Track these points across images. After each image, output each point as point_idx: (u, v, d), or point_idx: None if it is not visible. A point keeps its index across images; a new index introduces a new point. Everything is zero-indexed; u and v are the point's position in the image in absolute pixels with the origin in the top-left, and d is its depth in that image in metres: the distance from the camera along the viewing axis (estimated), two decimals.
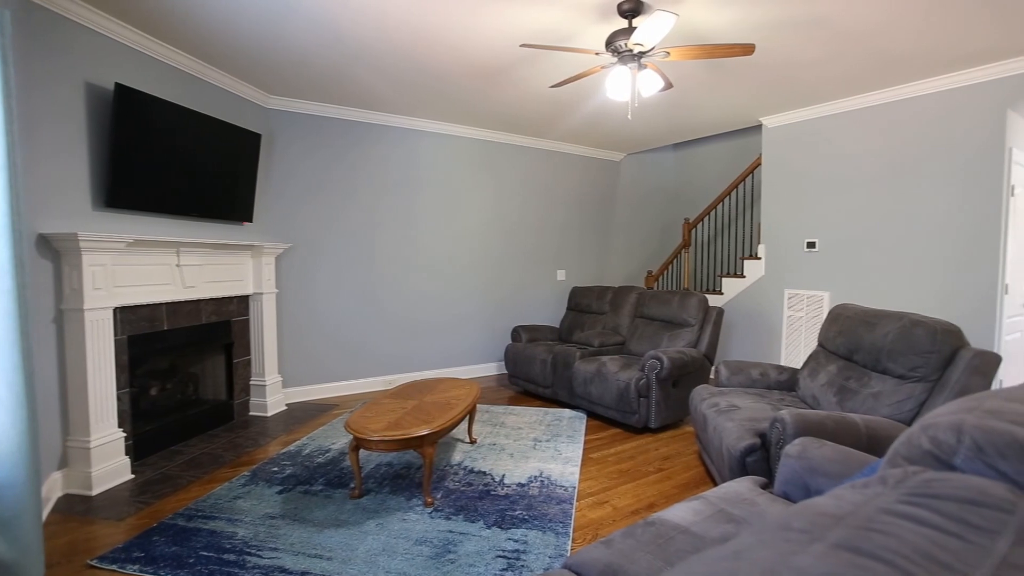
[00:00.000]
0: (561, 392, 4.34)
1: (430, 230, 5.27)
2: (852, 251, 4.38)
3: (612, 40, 2.82)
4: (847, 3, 2.76)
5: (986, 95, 3.66)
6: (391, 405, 3.02)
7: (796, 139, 4.74)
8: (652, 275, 6.05)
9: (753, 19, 2.95)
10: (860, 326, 2.86)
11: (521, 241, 5.91)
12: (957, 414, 0.88)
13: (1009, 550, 0.51)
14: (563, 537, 2.37)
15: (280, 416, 4.19)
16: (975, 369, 2.33)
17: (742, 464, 2.38)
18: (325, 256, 4.72)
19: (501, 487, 2.88)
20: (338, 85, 4.08)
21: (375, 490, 2.84)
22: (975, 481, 0.65)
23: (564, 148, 6.12)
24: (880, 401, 2.60)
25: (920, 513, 0.55)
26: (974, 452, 0.75)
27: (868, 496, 0.62)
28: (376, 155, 4.93)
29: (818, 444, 1.88)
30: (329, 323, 4.76)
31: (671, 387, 3.72)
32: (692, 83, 4.01)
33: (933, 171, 3.92)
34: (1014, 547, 0.52)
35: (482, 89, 4.18)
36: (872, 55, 3.43)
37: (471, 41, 3.27)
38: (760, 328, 5.04)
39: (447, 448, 3.45)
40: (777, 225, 4.91)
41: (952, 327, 2.51)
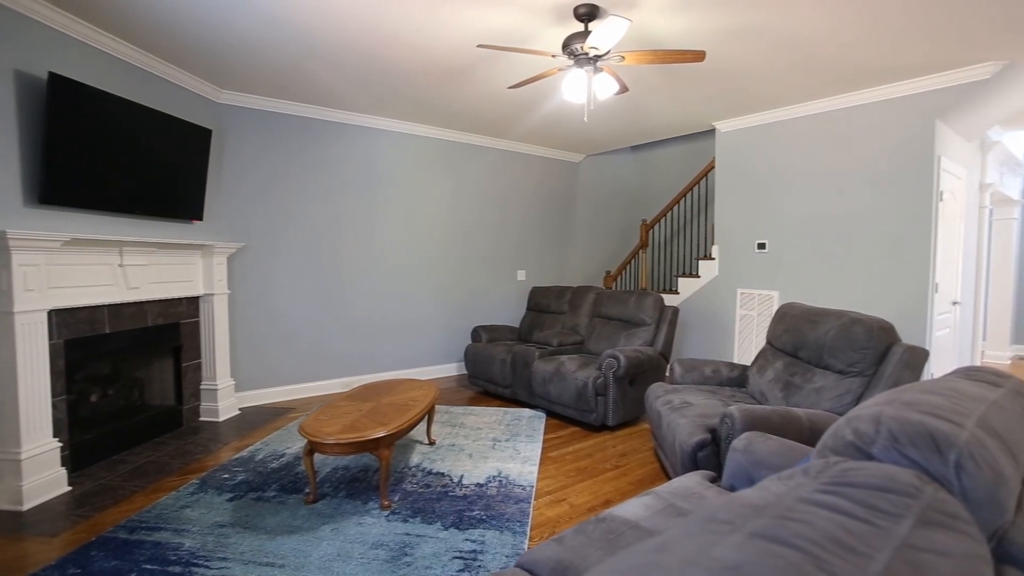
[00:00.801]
0: (521, 392, 4.37)
1: (390, 230, 5.21)
2: (799, 252, 4.57)
3: (568, 43, 2.86)
4: (791, 15, 2.88)
5: (917, 106, 3.88)
6: (347, 407, 2.97)
7: (747, 143, 4.91)
8: (611, 275, 6.15)
9: (704, 27, 3.04)
10: (804, 324, 2.99)
11: (481, 241, 5.91)
12: (878, 406, 0.94)
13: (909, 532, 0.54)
14: (520, 536, 2.39)
15: (233, 421, 4.06)
16: (906, 363, 2.47)
17: (693, 459, 2.45)
18: (281, 256, 4.60)
19: (459, 488, 2.88)
20: (294, 81, 3.99)
21: (331, 494, 2.79)
22: (886, 469, 0.69)
23: (524, 149, 6.16)
24: (822, 395, 2.73)
25: (834, 501, 0.59)
26: (890, 442, 0.80)
27: (790, 487, 0.66)
28: (334, 153, 4.84)
29: (763, 438, 1.96)
30: (285, 324, 4.64)
31: (628, 385, 3.80)
32: (647, 87, 4.10)
33: (871, 177, 4.13)
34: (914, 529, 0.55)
35: (442, 88, 4.16)
36: (816, 65, 3.59)
37: (430, 40, 3.25)
38: (714, 326, 5.20)
39: (405, 450, 3.42)
40: (730, 227, 5.07)
41: (886, 324, 2.65)
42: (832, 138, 4.34)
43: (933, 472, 0.76)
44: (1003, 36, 3.12)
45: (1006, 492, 0.77)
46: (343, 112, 4.79)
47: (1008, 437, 0.98)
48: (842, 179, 4.29)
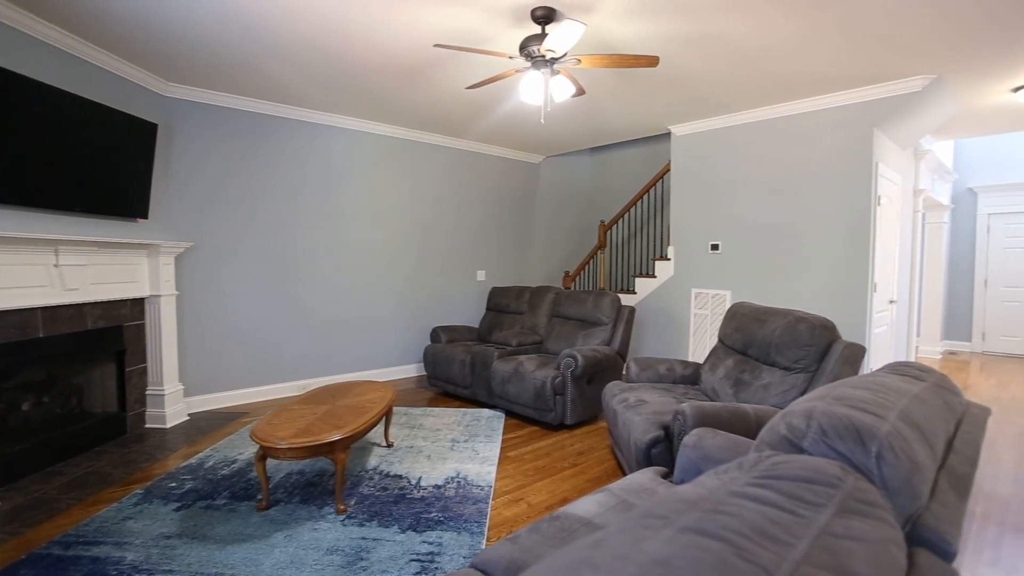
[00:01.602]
0: (480, 392, 4.37)
1: (348, 230, 5.12)
2: (750, 253, 4.74)
3: (526, 45, 2.88)
4: (739, 25, 2.99)
5: (857, 115, 4.09)
6: (302, 411, 2.91)
7: (701, 147, 5.06)
8: (569, 275, 6.22)
9: (658, 33, 3.12)
10: (753, 323, 3.10)
11: (441, 241, 5.88)
12: (811, 402, 0.99)
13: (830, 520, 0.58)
14: (478, 536, 2.39)
15: (181, 427, 3.90)
16: (846, 359, 2.60)
17: (647, 455, 2.51)
18: (234, 256, 4.45)
19: (417, 490, 2.86)
20: (247, 76, 3.87)
21: (284, 500, 2.72)
22: (812, 461, 0.73)
23: (483, 149, 6.16)
24: (769, 391, 2.84)
25: (763, 493, 0.62)
26: (819, 435, 0.85)
27: (724, 481, 0.69)
28: (290, 151, 4.72)
29: (712, 434, 2.02)
30: (238, 326, 4.50)
31: (586, 384, 3.86)
32: (604, 90, 4.17)
33: (815, 181, 4.32)
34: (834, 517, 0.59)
35: (400, 87, 4.11)
36: (763, 73, 3.73)
37: (387, 38, 3.22)
38: (670, 325, 5.33)
39: (362, 453, 3.37)
40: (684, 228, 5.21)
41: (828, 322, 2.79)
42: (779, 143, 4.52)
43: (857, 463, 0.81)
44: (931, 52, 3.32)
45: (921, 479, 0.82)
46: (299, 109, 4.68)
47: (927, 428, 1.05)
48: (789, 183, 4.48)
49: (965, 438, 1.27)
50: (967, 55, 3.37)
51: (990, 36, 3.10)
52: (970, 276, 7.51)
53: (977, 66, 3.57)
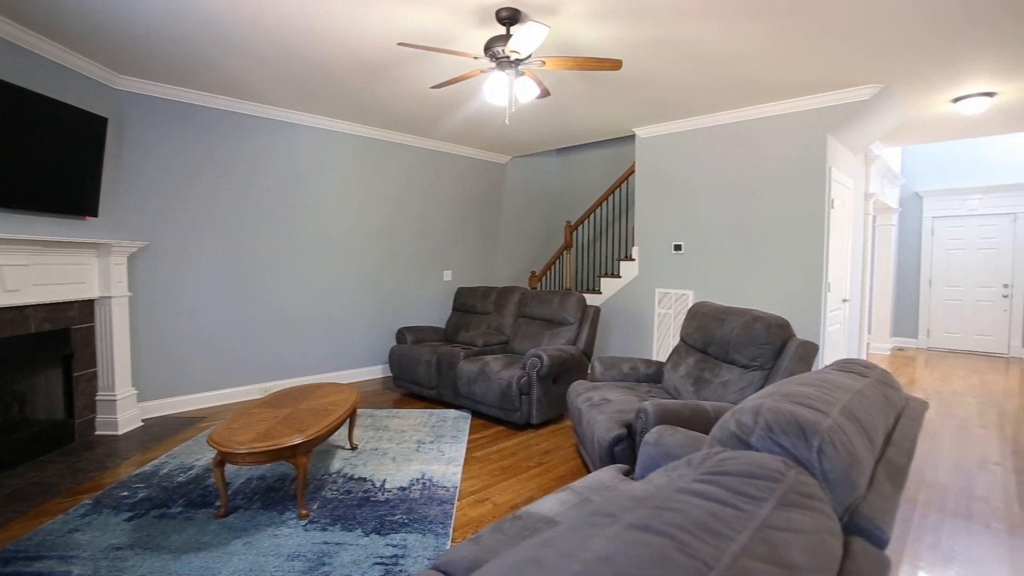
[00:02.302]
0: (446, 393, 4.36)
1: (311, 229, 5.03)
2: (711, 253, 4.86)
3: (490, 45, 2.89)
4: (700, 31, 3.06)
5: (812, 121, 4.25)
6: (262, 415, 2.84)
7: (665, 149, 5.16)
8: (536, 275, 6.26)
9: (622, 37, 3.17)
10: (713, 322, 3.19)
11: (407, 241, 5.83)
12: (759, 399, 1.03)
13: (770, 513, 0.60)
14: (443, 538, 2.39)
15: (134, 434, 3.76)
16: (799, 357, 2.70)
17: (611, 453, 2.55)
18: (191, 255, 4.31)
19: (382, 492, 2.83)
20: (205, 71, 3.75)
21: (244, 506, 2.66)
22: (757, 457, 0.76)
23: (450, 148, 6.14)
24: (728, 389, 2.92)
25: (708, 489, 0.64)
26: (765, 431, 0.88)
27: (672, 478, 0.71)
28: (251, 148, 4.60)
29: (672, 431, 2.07)
30: (196, 329, 4.36)
31: (551, 384, 3.89)
32: (569, 92, 4.22)
33: (773, 184, 4.46)
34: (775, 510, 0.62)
35: (364, 85, 4.06)
36: (724, 78, 3.84)
37: (351, 35, 3.17)
38: (635, 325, 5.42)
39: (326, 456, 3.32)
40: (648, 229, 5.30)
41: (783, 321, 2.89)
42: (740, 147, 4.65)
43: (800, 457, 0.85)
44: (879, 63, 3.48)
45: (858, 471, 0.87)
46: (260, 105, 4.57)
47: (867, 422, 1.11)
48: (748, 185, 4.61)
49: (904, 431, 1.33)
50: (911, 66, 3.54)
51: (932, 50, 3.26)
52: (916, 276, 7.89)
53: (920, 77, 3.75)
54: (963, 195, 7.47)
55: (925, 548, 2.37)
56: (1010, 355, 7.20)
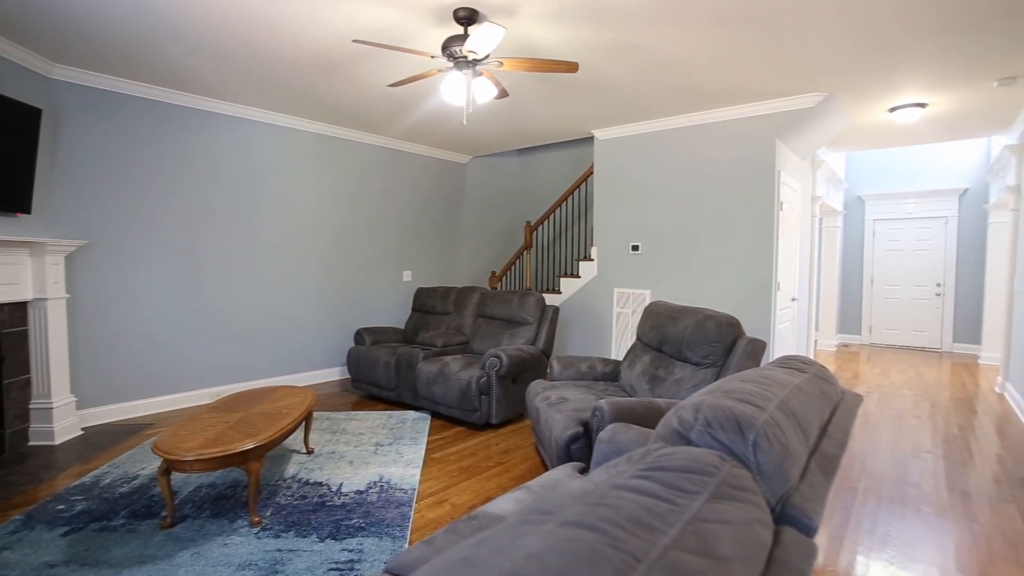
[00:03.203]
0: (405, 394, 4.32)
1: (266, 228, 4.89)
2: (668, 253, 4.98)
3: (448, 45, 2.87)
4: (654, 37, 3.14)
5: (761, 126, 4.41)
6: (212, 420, 2.75)
7: (622, 151, 5.26)
8: (496, 275, 6.27)
9: (578, 40, 3.21)
10: (667, 321, 3.27)
11: (365, 241, 5.74)
12: (701, 396, 1.06)
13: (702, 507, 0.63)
14: (400, 541, 2.37)
15: (73, 443, 3.57)
16: (748, 354, 2.80)
17: (567, 452, 2.58)
18: (136, 254, 4.13)
19: (338, 496, 2.79)
20: (152, 63, 3.60)
21: (192, 516, 2.56)
22: (695, 452, 0.79)
23: (410, 147, 6.08)
24: (681, 386, 3.00)
25: (644, 484, 0.66)
26: (704, 427, 0.92)
27: (611, 475, 0.73)
28: (201, 143, 4.43)
29: (626, 429, 2.11)
30: (142, 331, 4.17)
31: (511, 383, 3.90)
32: (528, 93, 4.24)
33: (726, 187, 4.61)
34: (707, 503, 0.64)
35: (320, 81, 3.98)
36: (678, 83, 3.94)
37: (306, 32, 3.10)
38: (594, 324, 5.50)
39: (280, 461, 3.23)
40: (607, 229, 5.39)
41: (733, 320, 2.98)
42: (694, 150, 4.78)
43: (736, 451, 0.88)
44: (823, 73, 3.64)
45: (791, 463, 0.91)
46: (213, 100, 4.41)
47: (802, 416, 1.16)
48: (702, 187, 4.75)
49: (838, 423, 1.40)
50: (852, 77, 3.73)
51: (870, 62, 3.44)
52: (859, 276, 8.29)
53: (860, 87, 3.95)
54: (901, 199, 7.89)
55: (863, 533, 2.50)
56: (942, 350, 7.66)
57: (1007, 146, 5.06)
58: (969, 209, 7.40)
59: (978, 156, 7.31)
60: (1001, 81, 3.80)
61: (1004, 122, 5.00)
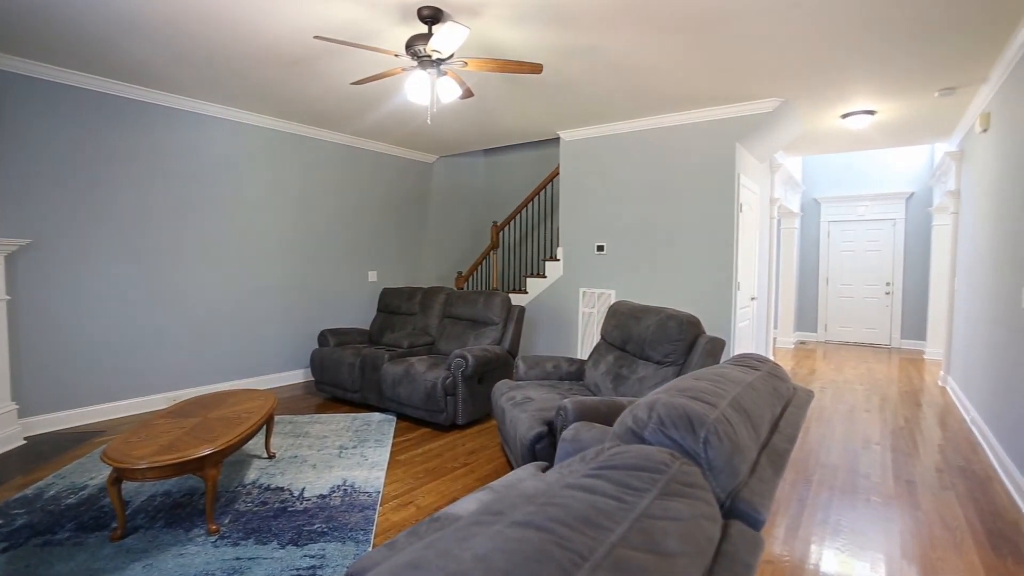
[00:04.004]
0: (370, 396, 4.26)
1: (225, 227, 4.74)
2: (632, 254, 5.06)
3: (412, 44, 2.85)
4: (617, 41, 3.18)
5: (722, 130, 4.52)
6: (166, 426, 2.66)
7: (587, 153, 5.31)
8: (462, 276, 6.26)
9: (543, 42, 3.23)
10: (630, 320, 3.32)
11: (330, 240, 5.64)
12: (657, 394, 1.09)
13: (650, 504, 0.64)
14: (364, 545, 2.34)
15: (14, 454, 3.40)
16: (708, 352, 2.87)
17: (532, 451, 2.60)
18: (86, 254, 3.95)
19: (300, 501, 2.73)
20: (98, 54, 3.45)
21: (145, 526, 2.47)
22: (646, 450, 0.81)
23: (375, 146, 6.01)
24: (644, 384, 3.05)
25: (595, 483, 0.68)
26: (657, 425, 0.94)
27: (563, 474, 0.74)
28: (156, 139, 4.27)
29: (588, 427, 2.14)
30: (93, 334, 3.99)
31: (477, 384, 3.90)
32: (494, 94, 4.24)
33: (688, 189, 4.71)
34: (655, 500, 0.66)
35: (281, 78, 3.89)
36: (641, 87, 4.00)
37: (265, 26, 3.03)
38: (560, 323, 5.54)
39: (240, 467, 3.15)
40: (572, 230, 5.44)
41: (694, 319, 3.05)
42: (657, 152, 4.87)
43: (687, 448, 0.91)
44: (778, 79, 3.76)
45: (740, 459, 0.94)
46: (166, 94, 4.26)
47: (754, 412, 1.20)
48: (665, 189, 4.84)
49: (789, 419, 1.45)
50: (807, 84, 3.86)
51: (823, 70, 3.57)
52: (815, 275, 8.59)
53: (815, 94, 4.10)
54: (853, 202, 8.22)
55: (817, 523, 2.59)
56: (891, 346, 8.01)
57: (948, 152, 5.33)
58: (915, 212, 7.77)
59: (923, 162, 7.68)
60: (942, 91, 4.00)
61: (945, 130, 5.27)
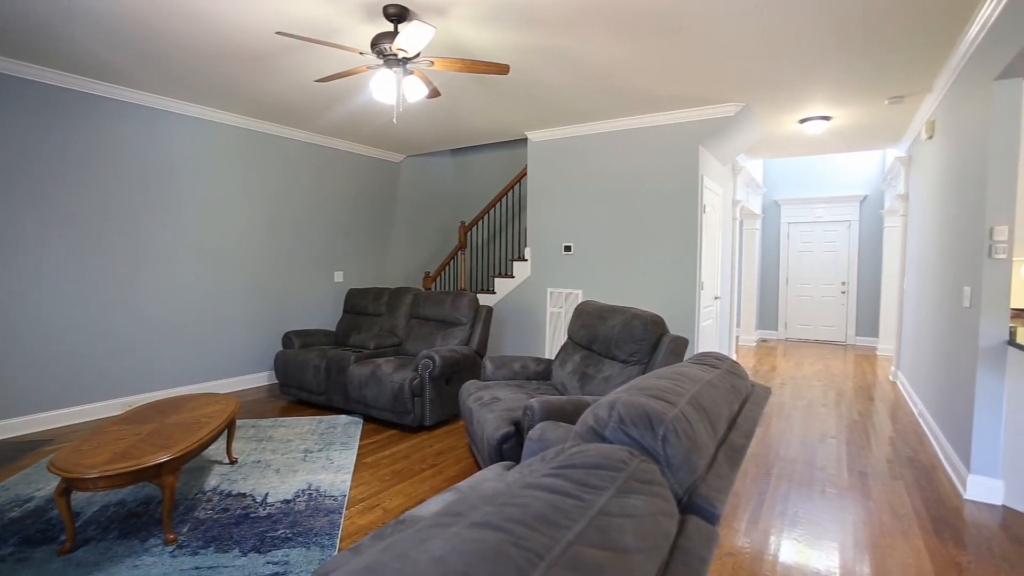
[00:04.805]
0: (336, 398, 4.20)
1: (185, 226, 4.59)
2: (599, 254, 5.12)
3: (377, 42, 2.82)
4: (583, 43, 3.22)
5: (686, 132, 4.62)
6: (121, 432, 2.56)
7: (555, 153, 5.35)
8: (430, 276, 6.22)
9: (510, 42, 3.24)
10: (596, 320, 3.36)
11: (295, 240, 5.53)
12: (617, 393, 1.11)
13: (607, 501, 0.66)
14: (329, 550, 2.30)
15: None
16: (671, 351, 2.93)
17: (499, 451, 2.61)
18: (34, 253, 3.76)
19: (263, 507, 2.67)
20: (49, 45, 3.29)
21: (97, 538, 2.38)
22: (605, 448, 0.82)
23: (341, 145, 5.92)
24: (610, 383, 3.09)
25: (554, 482, 0.69)
26: (617, 423, 0.96)
27: (524, 474, 0.75)
28: (111, 135, 4.10)
29: (555, 426, 2.16)
30: (40, 338, 3.81)
31: (444, 384, 3.89)
32: (461, 94, 4.23)
33: (652, 190, 4.80)
34: (612, 498, 0.67)
35: (243, 74, 3.79)
36: (608, 89, 4.06)
37: (227, 21, 2.95)
38: (528, 323, 5.57)
39: (200, 473, 3.06)
40: (540, 230, 5.47)
41: (658, 318, 3.11)
42: (623, 153, 4.95)
43: (647, 446, 0.93)
44: (740, 84, 3.87)
45: (698, 455, 0.96)
46: (125, 89, 4.10)
47: (712, 410, 1.23)
48: (630, 190, 4.92)
49: (747, 415, 1.50)
50: (767, 89, 3.98)
51: (782, 77, 3.69)
52: (776, 275, 8.86)
53: (774, 99, 4.23)
54: (811, 204, 8.51)
55: (776, 515, 2.68)
56: (847, 343, 8.33)
57: (897, 158, 5.57)
58: (868, 214, 8.09)
59: (875, 166, 8.01)
60: (891, 99, 4.19)
61: (895, 136, 5.51)
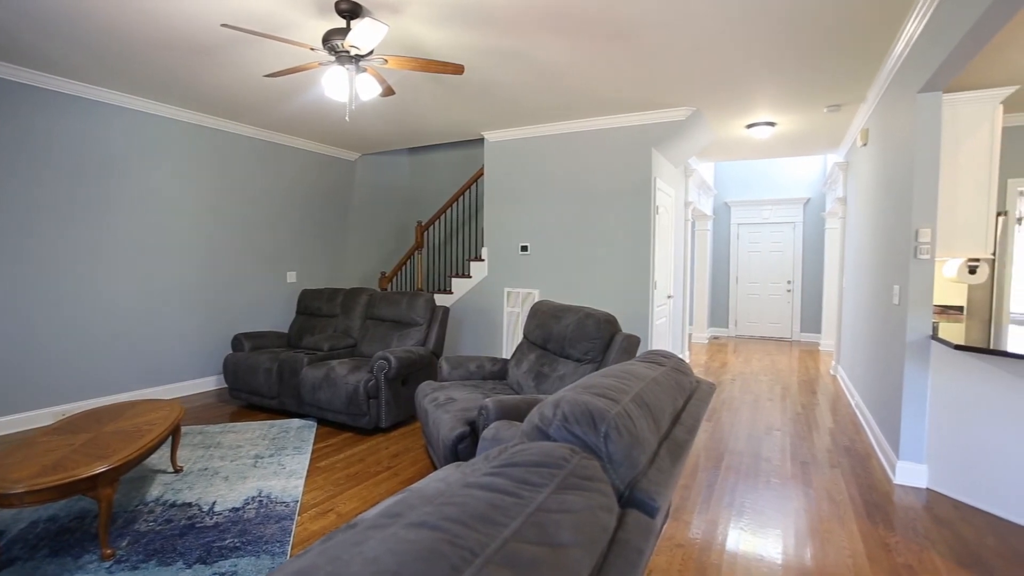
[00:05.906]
0: (289, 401, 4.09)
1: (126, 224, 4.38)
2: (555, 254, 5.18)
3: (329, 38, 2.77)
4: (538, 45, 3.25)
5: (641, 135, 4.73)
6: (52, 443, 2.43)
7: (511, 154, 5.38)
8: (386, 276, 6.15)
9: (464, 42, 3.24)
10: (551, 319, 3.40)
11: (244, 239, 5.35)
12: (563, 392, 1.13)
13: (546, 498, 0.68)
14: (280, 557, 2.25)
15: None
16: (624, 349, 3.00)
17: (455, 451, 2.60)
18: None
19: (210, 516, 2.58)
20: None
21: (25, 557, 2.24)
22: (547, 446, 0.84)
23: (294, 142, 5.77)
24: (564, 382, 3.14)
25: (494, 481, 0.70)
26: (562, 422, 0.98)
27: (466, 473, 0.76)
28: (41, 127, 3.86)
29: (509, 426, 2.17)
30: None
31: (400, 385, 3.85)
32: (416, 93, 4.20)
33: (607, 191, 4.89)
34: (551, 495, 0.69)
35: (188, 66, 3.65)
36: (563, 91, 4.11)
37: (169, 10, 2.83)
38: (486, 323, 5.58)
39: (141, 483, 2.93)
40: (497, 230, 5.49)
41: (611, 317, 3.17)
42: (579, 155, 5.02)
43: (589, 443, 0.95)
44: (690, 90, 3.99)
45: (639, 451, 1.00)
46: (59, 78, 3.88)
47: (655, 406, 1.27)
48: (586, 191, 4.99)
49: (691, 411, 1.55)
50: (715, 95, 4.12)
51: (729, 83, 3.83)
52: (727, 274, 9.17)
53: (722, 105, 4.38)
54: (759, 206, 8.85)
55: (724, 506, 2.78)
56: (792, 339, 8.71)
57: (837, 163, 5.87)
58: (811, 216, 8.48)
59: (817, 170, 8.40)
60: (829, 108, 4.41)
61: (834, 142, 5.80)
